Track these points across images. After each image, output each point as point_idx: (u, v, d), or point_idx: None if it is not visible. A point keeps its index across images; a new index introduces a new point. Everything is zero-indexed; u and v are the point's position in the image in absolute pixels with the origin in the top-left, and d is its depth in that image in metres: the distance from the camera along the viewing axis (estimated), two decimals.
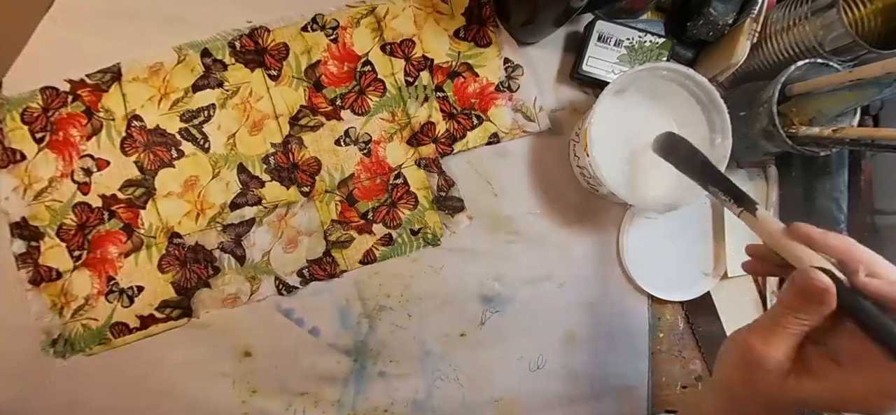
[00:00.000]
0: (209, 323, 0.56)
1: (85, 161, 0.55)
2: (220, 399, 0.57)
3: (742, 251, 0.61)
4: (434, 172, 0.59)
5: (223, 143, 0.56)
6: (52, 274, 0.54)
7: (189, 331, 0.56)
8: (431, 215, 0.59)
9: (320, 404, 0.58)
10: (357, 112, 0.58)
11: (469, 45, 0.59)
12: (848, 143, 0.48)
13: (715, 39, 0.59)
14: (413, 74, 0.59)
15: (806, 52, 0.53)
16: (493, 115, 0.60)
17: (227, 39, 0.57)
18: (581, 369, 0.61)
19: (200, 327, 0.56)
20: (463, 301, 0.60)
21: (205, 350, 0.57)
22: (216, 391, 0.57)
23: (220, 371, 0.57)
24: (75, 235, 0.54)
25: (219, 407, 0.57)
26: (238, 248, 0.56)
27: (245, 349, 0.57)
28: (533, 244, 0.61)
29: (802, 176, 0.62)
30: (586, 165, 0.53)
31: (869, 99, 0.48)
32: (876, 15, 0.52)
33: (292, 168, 0.57)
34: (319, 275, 0.57)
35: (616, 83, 0.53)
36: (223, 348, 0.57)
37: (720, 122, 0.54)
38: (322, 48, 0.58)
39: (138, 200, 0.55)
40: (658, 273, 0.62)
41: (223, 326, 0.57)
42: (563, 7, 0.51)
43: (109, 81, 0.55)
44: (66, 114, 0.55)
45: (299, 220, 0.57)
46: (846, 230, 0.60)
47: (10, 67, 0.54)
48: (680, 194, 0.55)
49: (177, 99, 0.56)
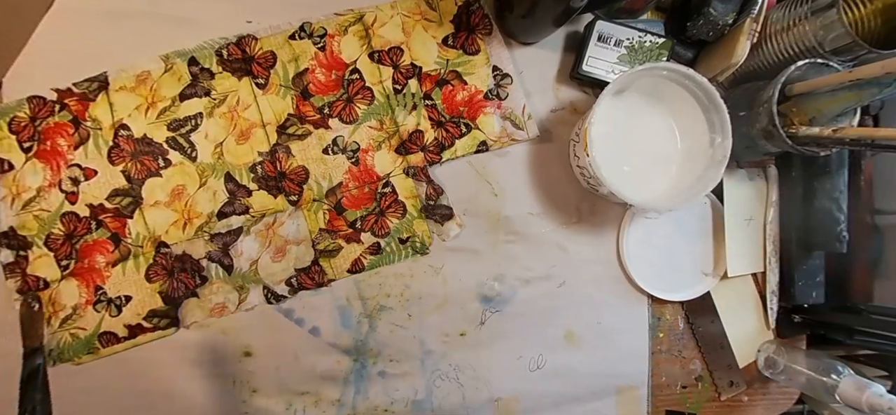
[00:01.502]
0: (209, 323, 0.56)
1: (72, 171, 0.55)
2: (221, 399, 0.57)
3: (742, 251, 0.63)
4: (422, 181, 0.58)
5: (210, 151, 0.56)
6: (39, 284, 0.54)
7: (189, 331, 0.56)
8: (420, 224, 0.58)
9: (320, 404, 0.58)
10: (345, 120, 0.58)
11: (458, 52, 0.59)
12: (848, 143, 0.48)
13: (715, 39, 0.59)
14: (401, 82, 0.58)
15: (806, 52, 0.53)
16: (481, 123, 0.59)
17: (214, 48, 0.56)
18: (581, 369, 0.61)
19: (200, 327, 0.56)
20: (463, 301, 0.60)
21: (205, 350, 0.57)
22: (216, 391, 0.57)
23: (221, 371, 0.57)
24: (63, 244, 0.54)
25: (219, 407, 0.57)
26: (225, 257, 0.56)
27: (245, 349, 0.57)
28: (532, 244, 0.61)
29: (802, 176, 0.62)
30: (586, 165, 0.53)
31: (869, 99, 0.48)
32: (876, 15, 0.52)
33: (280, 177, 0.57)
34: (308, 284, 0.57)
35: (616, 83, 0.53)
36: (223, 347, 0.57)
37: (720, 122, 0.54)
38: (309, 56, 0.57)
39: (126, 210, 0.55)
40: (658, 273, 0.62)
41: (223, 326, 0.57)
42: (563, 7, 0.51)
43: (96, 90, 0.55)
44: (54, 123, 0.55)
45: (287, 229, 0.57)
46: (846, 230, 0.60)
47: (10, 68, 0.54)
48: (680, 194, 0.56)
49: (164, 108, 0.56)
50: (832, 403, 0.55)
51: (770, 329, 0.64)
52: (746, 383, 0.64)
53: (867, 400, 0.50)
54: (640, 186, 0.56)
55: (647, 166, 0.57)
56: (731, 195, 0.63)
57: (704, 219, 0.64)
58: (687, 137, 0.57)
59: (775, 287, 0.64)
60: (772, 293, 0.64)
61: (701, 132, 0.55)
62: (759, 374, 0.64)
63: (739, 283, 0.64)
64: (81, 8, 0.55)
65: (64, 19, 0.55)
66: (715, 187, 0.54)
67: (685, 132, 0.57)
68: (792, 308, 0.64)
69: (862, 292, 0.64)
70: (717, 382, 0.63)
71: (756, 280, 0.65)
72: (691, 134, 0.56)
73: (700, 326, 0.63)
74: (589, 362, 0.61)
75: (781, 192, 0.64)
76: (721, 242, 0.63)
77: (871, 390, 0.50)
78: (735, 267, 0.62)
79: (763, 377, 0.64)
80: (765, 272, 0.64)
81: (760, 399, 0.65)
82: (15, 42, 0.54)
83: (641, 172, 0.57)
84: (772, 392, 0.65)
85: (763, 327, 0.64)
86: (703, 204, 0.64)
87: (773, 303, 0.64)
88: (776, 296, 0.64)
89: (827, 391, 0.54)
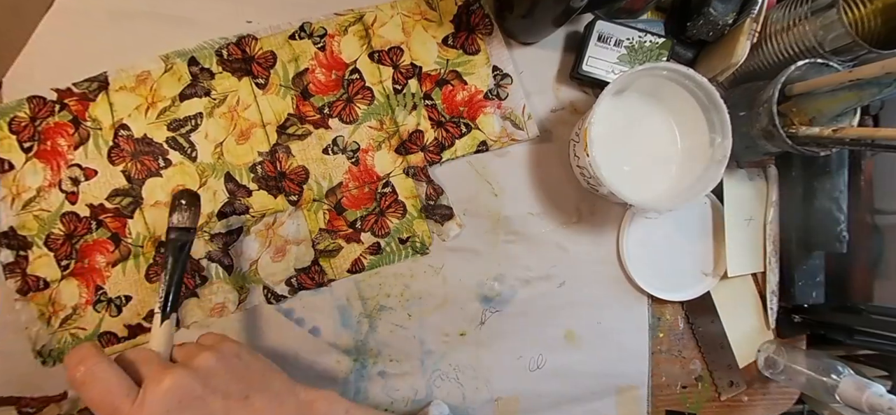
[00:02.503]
0: (209, 324, 0.56)
1: (72, 171, 0.55)
2: None
3: (742, 251, 0.63)
4: (422, 181, 0.58)
5: (210, 152, 0.56)
6: (39, 284, 0.54)
7: (189, 331, 0.56)
8: (420, 224, 0.58)
9: None
10: (345, 120, 0.58)
11: (457, 52, 0.59)
12: (848, 143, 0.48)
13: (715, 39, 0.59)
14: (401, 82, 0.58)
15: (806, 52, 0.53)
16: (481, 123, 0.59)
17: (214, 48, 0.56)
18: (581, 368, 0.61)
19: (199, 327, 0.56)
20: (463, 301, 0.60)
21: None
22: None
23: None
24: (63, 244, 0.54)
25: None
26: (225, 257, 0.56)
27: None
28: (532, 244, 0.61)
29: (802, 176, 0.62)
30: (586, 165, 0.53)
31: (869, 99, 0.48)
32: (876, 15, 0.52)
33: (280, 177, 0.57)
34: (308, 284, 0.57)
35: (616, 83, 0.53)
36: None
37: (720, 122, 0.54)
38: (309, 56, 0.57)
39: (126, 210, 0.55)
40: (658, 273, 0.62)
41: (223, 326, 0.56)
42: (563, 7, 0.51)
43: (96, 90, 0.55)
44: (54, 123, 0.54)
45: (287, 229, 0.57)
46: (846, 230, 0.60)
47: (10, 68, 0.54)
48: (680, 194, 0.56)
49: (164, 108, 0.56)
50: (832, 403, 0.55)
51: (770, 329, 0.64)
52: (746, 383, 0.64)
53: (867, 400, 0.50)
54: (640, 186, 0.56)
55: (647, 166, 0.57)
56: (731, 195, 0.63)
57: (704, 219, 0.64)
58: (687, 137, 0.57)
59: (775, 287, 0.64)
60: (772, 293, 0.64)
61: (701, 132, 0.55)
62: (759, 374, 0.64)
63: (739, 283, 0.64)
64: (81, 8, 0.55)
65: (64, 19, 0.55)
66: (715, 187, 0.54)
67: (685, 132, 0.57)
68: (792, 308, 0.64)
69: (862, 292, 0.65)
70: (717, 382, 0.64)
71: (756, 280, 0.65)
72: (691, 134, 0.56)
73: (700, 326, 0.63)
74: (589, 361, 0.61)
75: (781, 192, 0.64)
76: (721, 242, 0.63)
77: (871, 390, 0.50)
78: (735, 267, 0.62)
79: (763, 377, 0.64)
80: (765, 272, 0.64)
81: (760, 399, 0.65)
82: (15, 42, 0.54)
83: (641, 172, 0.57)
84: (772, 392, 0.65)
85: (763, 326, 0.64)
86: (703, 204, 0.64)
87: (773, 303, 0.64)
88: (776, 296, 0.64)
89: (827, 391, 0.54)
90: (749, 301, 0.64)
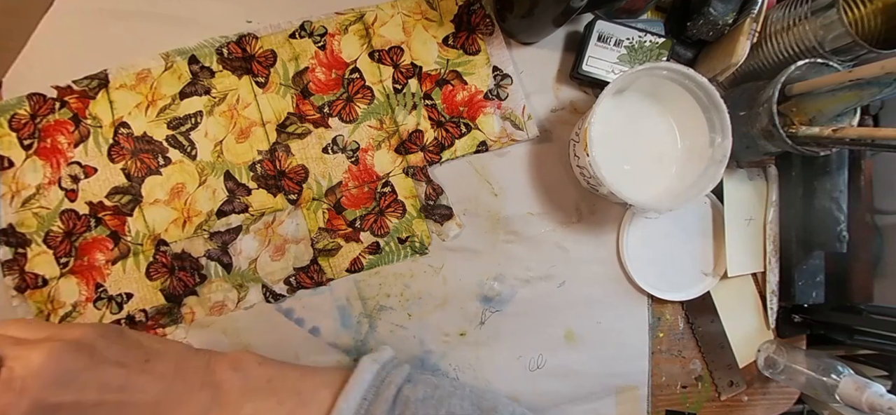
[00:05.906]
0: (209, 323, 0.56)
1: (72, 168, 0.55)
2: None
3: (742, 251, 0.63)
4: (422, 181, 0.58)
5: (210, 150, 0.56)
6: (38, 281, 0.54)
7: (188, 331, 0.56)
8: (419, 224, 0.58)
9: None
10: (345, 120, 0.58)
11: (458, 52, 0.59)
12: (848, 143, 0.48)
13: (715, 39, 0.59)
14: (401, 82, 0.58)
15: (806, 51, 0.53)
16: (481, 123, 0.59)
17: (214, 46, 0.56)
18: (581, 368, 0.61)
19: (199, 326, 0.56)
20: (463, 301, 0.60)
21: None
22: None
23: None
24: (62, 242, 0.54)
25: None
26: (225, 255, 0.56)
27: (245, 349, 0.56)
28: (532, 244, 0.61)
29: (802, 176, 0.62)
30: (586, 164, 0.53)
31: (869, 99, 0.48)
32: (876, 15, 0.52)
33: (279, 176, 0.57)
34: (306, 283, 0.57)
35: (616, 83, 0.53)
36: (223, 347, 0.56)
37: (720, 122, 0.54)
38: (310, 55, 0.57)
39: (125, 208, 0.55)
40: (658, 273, 0.62)
41: (223, 326, 0.56)
42: (563, 7, 0.51)
43: (97, 88, 0.55)
44: (54, 121, 0.55)
45: (286, 227, 0.57)
46: (846, 230, 0.60)
47: (10, 68, 0.54)
48: (680, 194, 0.55)
49: (164, 106, 0.56)
50: (832, 403, 0.55)
51: (770, 329, 0.64)
52: (746, 383, 0.64)
53: (867, 400, 0.50)
54: (640, 185, 0.56)
55: (647, 166, 0.57)
56: (731, 195, 0.63)
57: (704, 219, 0.64)
58: (687, 136, 0.57)
59: (775, 287, 0.64)
60: (772, 293, 0.64)
61: (701, 132, 0.55)
62: (759, 374, 0.64)
63: (739, 283, 0.64)
64: (81, 7, 0.55)
65: (64, 19, 0.55)
66: (715, 187, 0.54)
67: (685, 132, 0.57)
68: (792, 308, 0.64)
69: (862, 292, 0.65)
70: (717, 382, 0.63)
71: (756, 280, 0.65)
72: (691, 134, 0.56)
73: (700, 326, 0.63)
74: (589, 361, 0.61)
75: (781, 192, 0.64)
76: (721, 242, 0.63)
77: (871, 390, 0.50)
78: (735, 267, 0.62)
79: (763, 377, 0.64)
80: (765, 272, 0.64)
81: (760, 399, 0.65)
82: (15, 42, 0.54)
83: (641, 172, 0.57)
84: (772, 392, 0.65)
85: (763, 326, 0.64)
86: (703, 204, 0.64)
87: (773, 303, 0.64)
88: (776, 296, 0.64)
89: (827, 391, 0.54)
90: (749, 301, 0.64)
